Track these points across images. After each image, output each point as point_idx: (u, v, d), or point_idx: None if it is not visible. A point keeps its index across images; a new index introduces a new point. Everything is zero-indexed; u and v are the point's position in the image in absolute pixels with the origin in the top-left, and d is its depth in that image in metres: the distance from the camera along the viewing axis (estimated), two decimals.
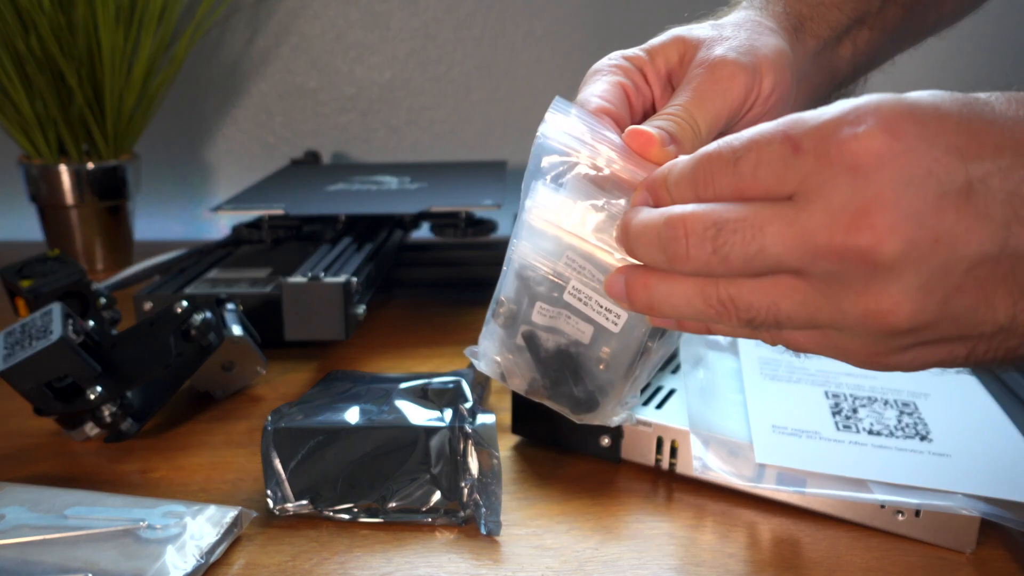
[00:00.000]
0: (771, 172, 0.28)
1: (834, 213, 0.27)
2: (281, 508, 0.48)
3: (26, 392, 0.54)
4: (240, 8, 1.08)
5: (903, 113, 0.26)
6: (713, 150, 0.30)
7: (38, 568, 0.42)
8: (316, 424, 0.49)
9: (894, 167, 0.26)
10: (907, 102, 0.27)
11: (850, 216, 0.26)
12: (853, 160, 0.26)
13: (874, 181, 0.26)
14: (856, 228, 0.26)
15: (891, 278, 0.27)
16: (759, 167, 0.28)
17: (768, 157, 0.28)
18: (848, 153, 0.26)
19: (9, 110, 0.90)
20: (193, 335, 0.58)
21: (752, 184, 0.29)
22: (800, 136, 0.28)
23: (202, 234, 1.14)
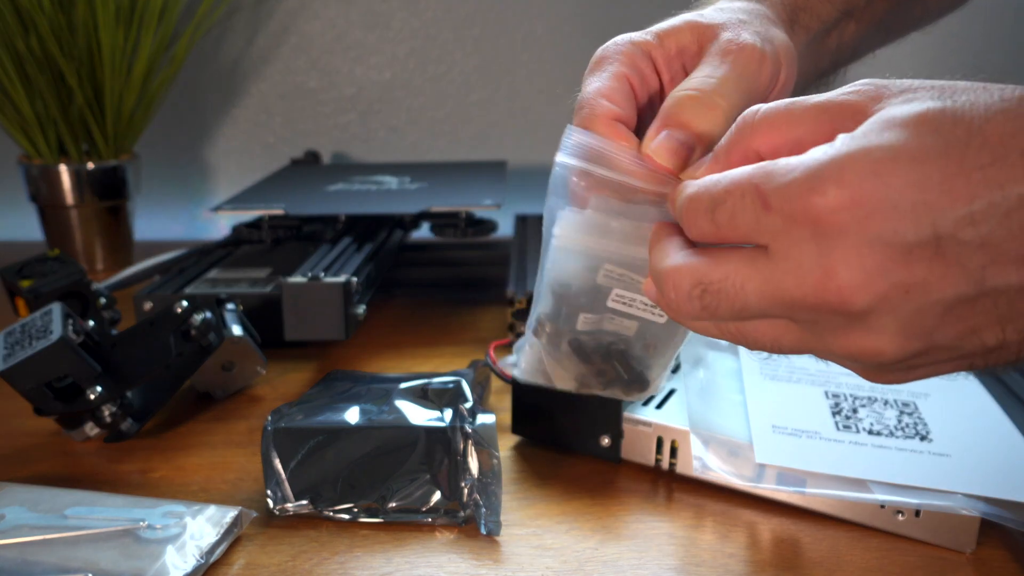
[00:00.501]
0: (745, 224, 0.29)
1: (803, 273, 0.28)
2: (281, 508, 0.48)
3: (26, 392, 0.54)
4: (240, 8, 1.08)
5: (868, 175, 0.26)
6: (694, 193, 0.31)
7: (38, 568, 0.42)
8: (316, 424, 0.49)
9: (858, 229, 0.26)
10: (873, 160, 0.27)
11: (817, 277, 0.27)
12: (817, 224, 0.27)
13: (839, 243, 0.27)
14: (824, 287, 0.27)
15: (869, 323, 0.28)
16: (734, 217, 0.29)
17: (741, 209, 0.29)
18: (813, 217, 0.27)
19: (9, 110, 0.90)
20: (193, 335, 0.58)
21: (730, 232, 0.30)
22: (769, 193, 0.28)
23: (202, 234, 1.14)
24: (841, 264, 0.27)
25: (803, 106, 0.30)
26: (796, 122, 0.30)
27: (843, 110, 0.29)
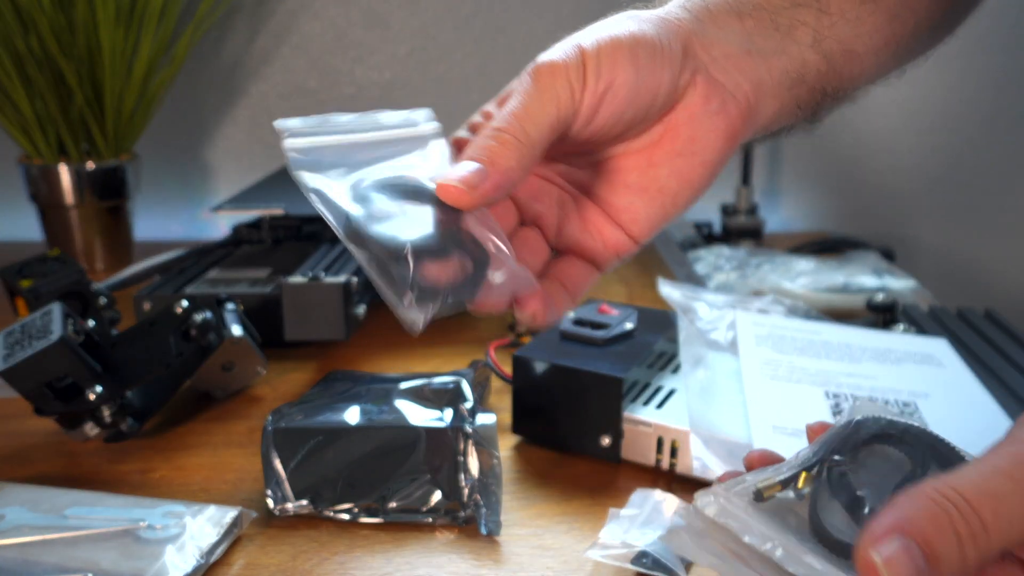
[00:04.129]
0: None
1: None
2: (281, 508, 0.48)
3: (26, 392, 0.54)
4: (240, 8, 1.08)
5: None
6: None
7: (38, 568, 0.42)
8: (316, 424, 0.49)
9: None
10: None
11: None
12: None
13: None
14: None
15: None
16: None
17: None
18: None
19: (9, 110, 0.90)
20: (193, 335, 0.58)
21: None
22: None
23: (202, 234, 1.14)
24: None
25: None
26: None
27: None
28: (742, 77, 0.41)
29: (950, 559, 0.29)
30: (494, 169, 0.36)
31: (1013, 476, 0.29)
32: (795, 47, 0.42)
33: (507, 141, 0.36)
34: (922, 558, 0.29)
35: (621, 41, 0.38)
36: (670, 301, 0.66)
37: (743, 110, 0.40)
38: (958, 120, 1.11)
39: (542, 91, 0.37)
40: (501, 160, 0.36)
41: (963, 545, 0.29)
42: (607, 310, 0.61)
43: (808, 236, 1.06)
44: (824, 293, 0.80)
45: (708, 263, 0.87)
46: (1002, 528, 0.29)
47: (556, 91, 0.37)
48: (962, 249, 1.15)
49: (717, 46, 0.40)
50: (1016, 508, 0.29)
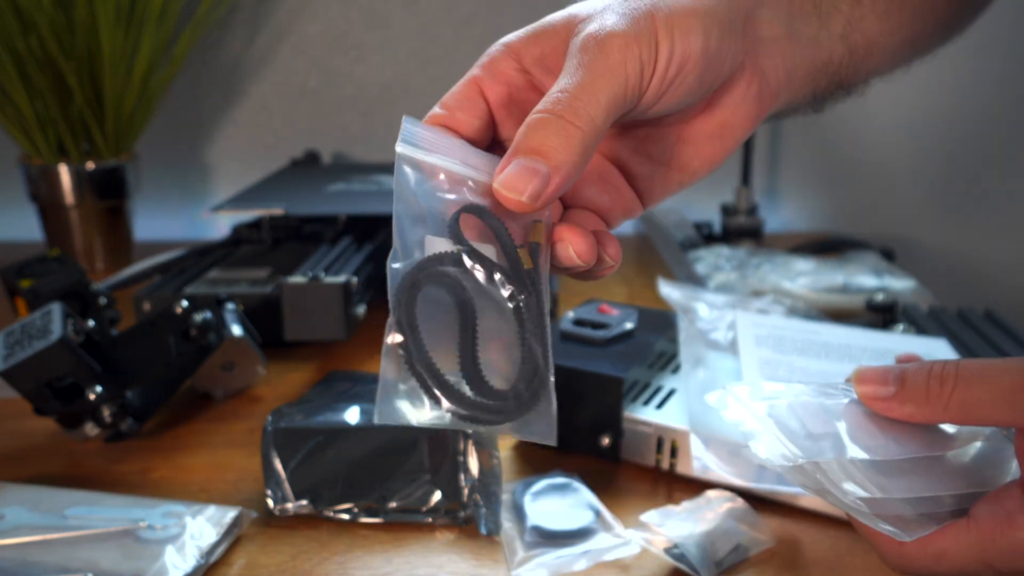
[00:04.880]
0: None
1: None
2: (281, 508, 0.48)
3: (26, 392, 0.54)
4: (240, 8, 1.08)
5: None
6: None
7: (38, 568, 0.42)
8: (316, 424, 0.49)
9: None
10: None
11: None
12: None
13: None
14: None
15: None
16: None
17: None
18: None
19: (9, 110, 0.90)
20: (193, 335, 0.58)
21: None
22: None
23: (202, 234, 1.13)
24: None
25: (1002, 401, 0.33)
26: (992, 411, 0.34)
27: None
28: (781, 62, 0.39)
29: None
30: (556, 170, 0.31)
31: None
32: (827, 36, 0.41)
33: (569, 132, 0.31)
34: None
35: (697, 13, 0.34)
36: (670, 301, 0.66)
37: (772, 97, 0.39)
38: (958, 120, 1.11)
39: (611, 68, 0.32)
40: (562, 154, 0.31)
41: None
42: (607, 310, 0.61)
43: (808, 236, 1.06)
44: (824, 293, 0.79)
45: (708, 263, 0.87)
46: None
47: (627, 70, 0.33)
48: (962, 249, 1.15)
49: (767, 26, 0.39)
50: None
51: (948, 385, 0.34)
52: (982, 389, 0.34)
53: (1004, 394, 0.33)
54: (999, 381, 0.34)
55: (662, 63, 0.34)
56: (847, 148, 1.13)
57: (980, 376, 0.34)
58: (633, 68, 0.33)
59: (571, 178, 0.32)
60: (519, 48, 0.37)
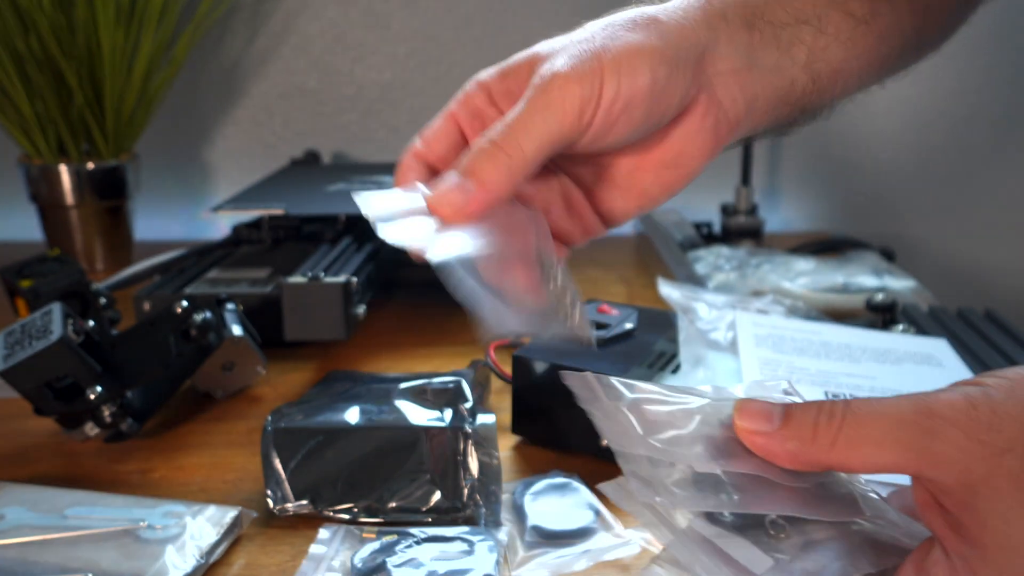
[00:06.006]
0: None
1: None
2: (281, 508, 0.48)
3: (26, 392, 0.54)
4: (240, 8, 1.08)
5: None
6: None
7: (38, 568, 0.42)
8: (316, 424, 0.49)
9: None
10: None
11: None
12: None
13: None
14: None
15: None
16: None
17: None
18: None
19: (9, 110, 0.90)
20: (193, 335, 0.58)
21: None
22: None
23: (202, 234, 1.13)
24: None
25: (890, 438, 0.31)
26: (879, 450, 0.31)
27: (939, 483, 0.31)
28: (739, 93, 0.41)
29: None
30: (480, 188, 0.35)
31: None
32: (789, 65, 0.42)
33: (498, 159, 0.35)
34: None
35: (643, 53, 0.37)
36: (670, 301, 0.66)
37: (732, 127, 0.41)
38: (958, 120, 1.11)
39: (548, 104, 0.36)
40: (487, 176, 0.35)
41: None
42: (607, 310, 0.61)
43: (808, 236, 1.06)
44: (824, 293, 0.79)
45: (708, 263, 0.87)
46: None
47: (564, 107, 0.36)
48: (962, 249, 1.15)
49: (724, 60, 0.40)
50: None
51: (836, 420, 0.32)
52: (870, 424, 0.31)
53: (891, 428, 0.31)
54: (887, 415, 0.31)
55: (606, 100, 0.36)
56: (847, 148, 1.13)
57: (869, 411, 0.32)
58: (571, 105, 0.36)
59: (496, 197, 0.35)
60: (489, 84, 0.40)
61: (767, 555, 0.32)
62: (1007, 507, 0.29)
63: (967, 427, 0.30)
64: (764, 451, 0.33)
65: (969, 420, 0.30)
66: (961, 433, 0.30)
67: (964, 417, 0.30)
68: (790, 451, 0.32)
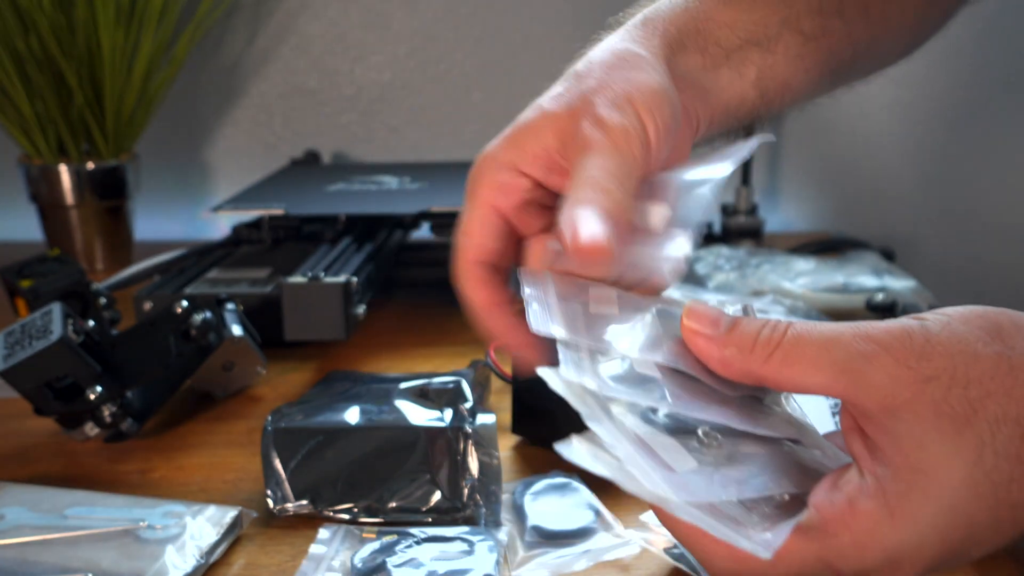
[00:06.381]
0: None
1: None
2: (281, 508, 0.48)
3: (26, 392, 0.54)
4: (240, 8, 1.08)
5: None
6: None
7: (38, 568, 0.42)
8: (316, 424, 0.49)
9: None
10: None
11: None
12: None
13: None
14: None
15: None
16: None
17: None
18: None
19: (9, 110, 0.90)
20: (193, 335, 0.58)
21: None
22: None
23: (202, 234, 1.13)
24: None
25: (825, 357, 0.31)
26: (813, 369, 0.32)
27: (862, 407, 0.31)
28: (702, 110, 0.43)
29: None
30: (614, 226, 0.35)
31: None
32: (739, 83, 0.44)
33: (617, 199, 0.35)
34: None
35: (661, 98, 0.39)
36: None
37: (694, 140, 0.44)
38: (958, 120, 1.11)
39: (618, 149, 0.37)
40: (617, 214, 0.35)
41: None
42: None
43: (808, 236, 1.06)
44: (824, 293, 0.79)
45: (708, 263, 0.87)
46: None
47: (631, 149, 0.37)
48: (962, 249, 1.15)
49: (684, 81, 0.42)
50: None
51: (777, 335, 0.32)
52: (808, 343, 0.32)
53: (827, 348, 0.31)
54: (825, 335, 0.32)
55: (651, 137, 0.38)
56: (847, 148, 1.13)
57: (809, 330, 0.32)
58: (635, 145, 0.37)
59: (622, 233, 0.35)
60: (512, 158, 0.40)
61: (691, 456, 0.33)
62: (923, 431, 0.30)
63: (899, 353, 0.30)
64: (704, 354, 0.34)
65: (902, 347, 0.31)
66: (892, 359, 0.30)
67: (898, 343, 0.31)
68: (727, 357, 0.33)
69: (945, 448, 0.29)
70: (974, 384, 0.30)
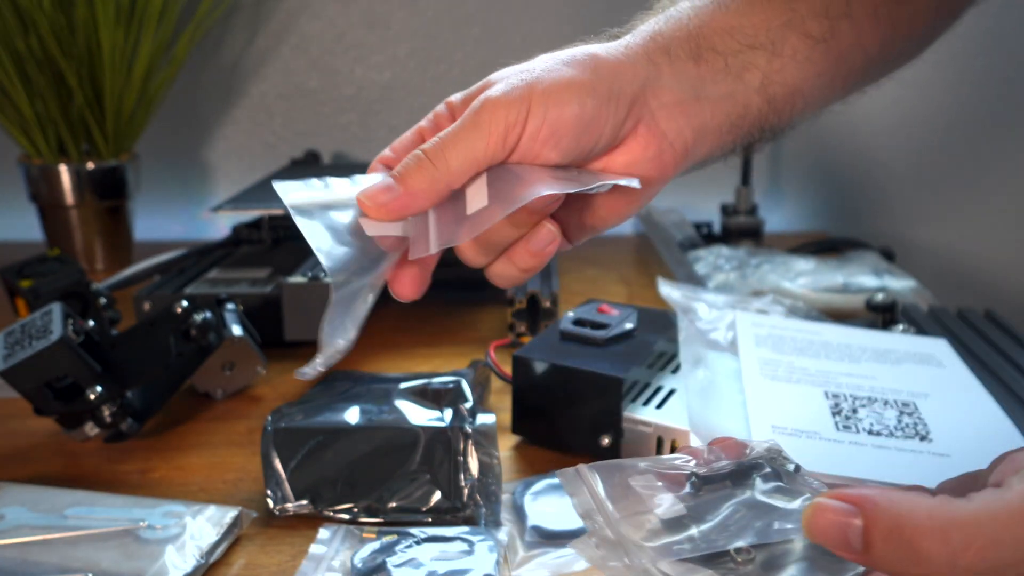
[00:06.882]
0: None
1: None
2: (281, 508, 0.48)
3: (26, 392, 0.54)
4: (240, 8, 1.08)
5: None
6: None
7: (38, 568, 0.42)
8: (316, 424, 0.49)
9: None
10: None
11: None
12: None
13: None
14: None
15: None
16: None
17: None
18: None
19: (9, 110, 0.90)
20: (193, 335, 0.58)
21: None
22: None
23: (202, 234, 1.13)
24: None
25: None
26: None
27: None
28: (686, 123, 0.42)
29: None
30: (404, 190, 0.39)
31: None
32: (742, 90, 0.43)
33: (424, 166, 0.39)
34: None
35: (572, 87, 0.40)
36: (670, 301, 0.66)
37: (678, 156, 0.43)
38: (958, 120, 1.11)
39: (477, 125, 0.39)
40: (413, 182, 0.39)
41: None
42: (607, 310, 0.61)
43: (808, 236, 1.06)
44: (824, 293, 0.79)
45: (708, 263, 0.87)
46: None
47: (490, 129, 0.39)
48: (962, 249, 1.15)
49: (668, 93, 0.42)
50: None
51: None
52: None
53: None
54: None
55: (531, 127, 0.39)
56: (847, 148, 1.13)
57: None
58: (497, 128, 0.39)
59: (417, 203, 0.39)
60: (454, 105, 0.44)
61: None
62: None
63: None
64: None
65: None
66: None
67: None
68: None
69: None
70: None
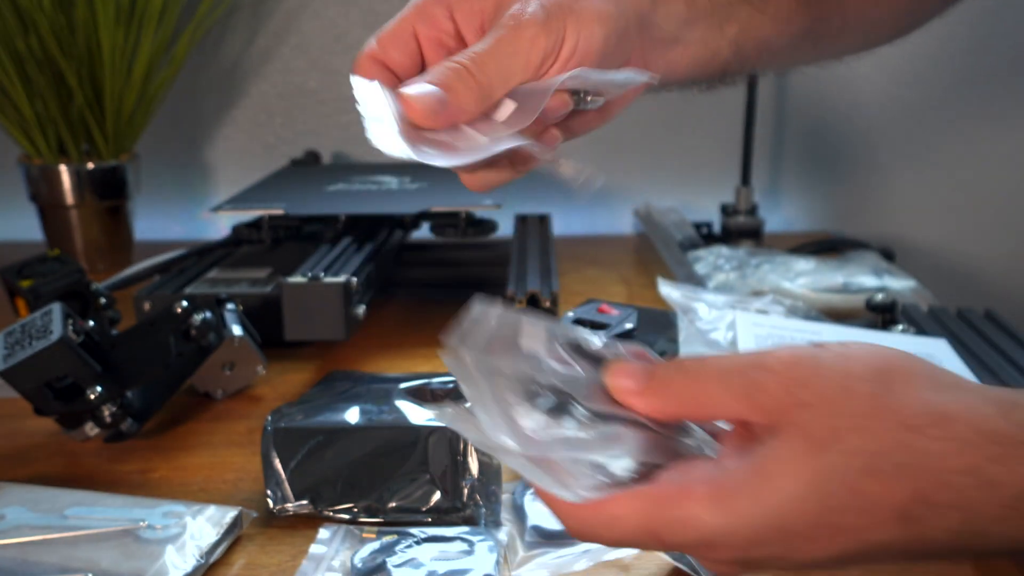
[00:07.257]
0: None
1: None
2: (281, 508, 0.48)
3: (26, 392, 0.54)
4: (240, 8, 1.08)
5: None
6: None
7: (38, 568, 0.42)
8: (316, 424, 0.49)
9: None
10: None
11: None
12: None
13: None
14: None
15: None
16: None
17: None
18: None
19: (9, 110, 0.90)
20: (193, 335, 0.58)
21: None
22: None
23: (202, 234, 1.13)
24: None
25: (718, 395, 0.33)
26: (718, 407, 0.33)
27: (754, 418, 0.32)
28: (663, 63, 0.44)
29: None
30: (454, 107, 0.38)
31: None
32: (715, 38, 0.45)
33: (471, 85, 0.38)
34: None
35: (603, 18, 0.41)
36: (670, 301, 0.66)
37: (641, 90, 0.45)
38: (958, 120, 1.11)
39: (518, 51, 0.39)
40: (463, 98, 0.38)
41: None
42: (607, 310, 0.61)
43: (808, 236, 1.06)
44: (824, 293, 0.79)
45: (708, 263, 0.87)
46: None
47: (530, 57, 0.39)
48: (962, 249, 1.15)
49: (654, 30, 0.44)
50: None
51: (691, 377, 0.34)
52: (709, 378, 0.33)
53: (725, 378, 0.33)
54: (722, 368, 0.33)
55: (564, 54, 0.40)
56: (847, 148, 1.13)
57: (713, 364, 0.34)
58: (536, 56, 0.39)
59: (460, 115, 0.39)
60: (455, 5, 0.42)
61: (555, 425, 0.33)
62: (782, 446, 0.31)
63: (784, 380, 0.32)
64: (636, 409, 0.34)
65: (788, 374, 0.32)
66: (778, 384, 0.32)
67: (785, 370, 0.32)
68: (654, 407, 0.34)
69: (793, 465, 0.30)
70: (843, 416, 0.31)
